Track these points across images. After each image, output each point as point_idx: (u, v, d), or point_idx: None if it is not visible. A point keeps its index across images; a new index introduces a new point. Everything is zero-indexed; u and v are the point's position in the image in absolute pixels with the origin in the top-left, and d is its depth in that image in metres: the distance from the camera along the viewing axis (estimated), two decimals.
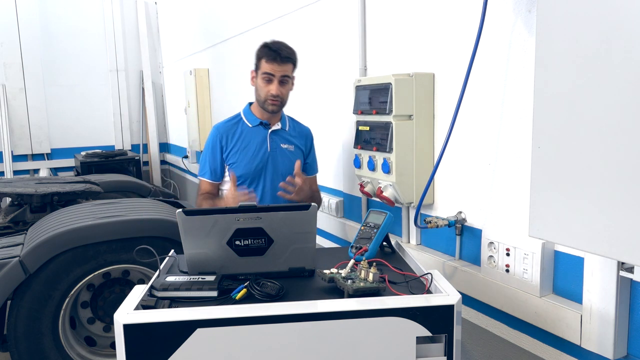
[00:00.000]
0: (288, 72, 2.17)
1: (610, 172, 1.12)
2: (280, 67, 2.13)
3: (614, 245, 1.14)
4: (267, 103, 2.17)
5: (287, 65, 2.15)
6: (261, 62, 2.16)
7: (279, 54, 2.12)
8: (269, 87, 2.15)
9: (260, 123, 2.25)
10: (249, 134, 2.24)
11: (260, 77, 2.16)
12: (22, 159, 6.64)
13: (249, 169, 2.21)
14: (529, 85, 1.58)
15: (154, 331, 1.16)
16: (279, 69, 2.13)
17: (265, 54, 2.15)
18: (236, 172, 2.19)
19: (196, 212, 1.38)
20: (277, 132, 2.27)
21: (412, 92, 1.99)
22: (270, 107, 2.18)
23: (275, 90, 2.14)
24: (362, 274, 1.31)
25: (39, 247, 2.52)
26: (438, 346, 1.21)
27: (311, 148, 2.40)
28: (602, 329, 1.43)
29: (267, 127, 2.26)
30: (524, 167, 1.64)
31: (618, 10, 1.09)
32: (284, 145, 2.27)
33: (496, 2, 1.70)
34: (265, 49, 2.16)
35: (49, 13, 6.64)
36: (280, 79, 2.15)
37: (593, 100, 1.15)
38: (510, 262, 1.70)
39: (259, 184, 2.23)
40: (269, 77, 2.14)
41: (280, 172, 2.22)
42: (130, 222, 2.70)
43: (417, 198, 2.03)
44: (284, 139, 2.28)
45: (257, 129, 2.25)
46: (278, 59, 2.12)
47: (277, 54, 2.12)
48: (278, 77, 2.15)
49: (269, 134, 2.25)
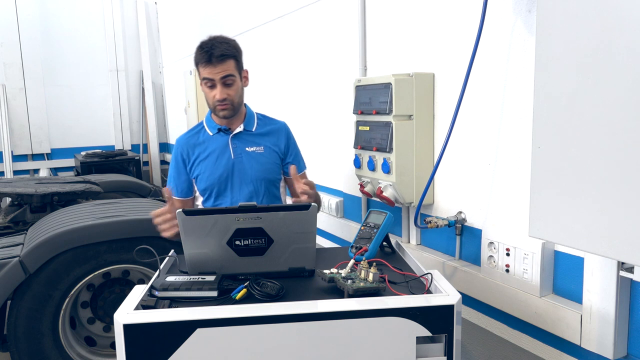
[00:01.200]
0: (229, 70, 1.90)
1: (610, 172, 1.12)
2: (217, 69, 1.88)
3: (614, 245, 1.14)
4: (216, 109, 1.95)
5: (225, 64, 1.89)
6: (199, 67, 1.92)
7: (212, 54, 1.87)
8: (213, 93, 1.92)
9: (219, 130, 2.02)
10: (210, 142, 2.02)
11: (203, 83, 1.94)
12: (22, 159, 6.64)
13: (212, 180, 1.98)
14: (529, 85, 1.58)
15: (154, 331, 1.16)
16: (217, 70, 1.88)
17: (200, 57, 1.90)
18: (200, 185, 2.00)
19: (196, 212, 1.38)
20: (240, 135, 2.02)
21: (412, 92, 1.99)
22: (222, 113, 1.95)
23: (219, 95, 1.90)
24: (362, 274, 1.31)
25: (39, 247, 2.52)
26: (438, 346, 1.21)
27: (288, 144, 2.10)
28: (602, 329, 1.43)
29: (228, 132, 2.02)
30: (524, 167, 1.64)
31: (618, 10, 1.09)
32: (251, 148, 2.01)
33: (496, 2, 1.71)
34: (198, 52, 1.91)
35: (49, 13, 6.65)
36: (222, 80, 1.90)
37: (593, 100, 1.15)
38: (510, 262, 1.70)
39: (227, 194, 2.00)
40: (209, 82, 1.91)
41: (250, 179, 1.99)
42: (130, 222, 2.70)
43: (417, 198, 2.03)
44: (249, 142, 2.02)
45: (217, 136, 2.02)
46: (213, 59, 1.87)
47: (210, 55, 1.87)
48: (218, 80, 1.89)
49: (231, 139, 2.01)
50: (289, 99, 3.35)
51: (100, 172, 5.59)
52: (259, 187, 2.00)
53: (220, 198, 2.00)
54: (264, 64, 3.61)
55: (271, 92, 3.59)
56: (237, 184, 1.99)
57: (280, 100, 3.46)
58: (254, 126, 2.06)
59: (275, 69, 3.52)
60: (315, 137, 2.99)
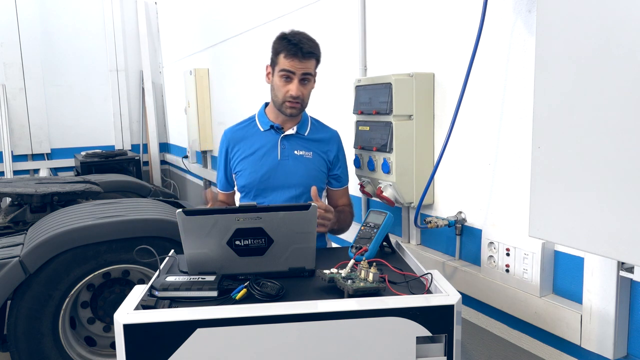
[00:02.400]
0: (310, 69, 1.85)
1: (610, 172, 1.12)
2: (301, 64, 1.81)
3: (614, 245, 1.14)
4: (284, 105, 1.86)
5: (309, 62, 1.83)
6: (279, 57, 1.83)
7: (301, 48, 1.79)
8: (287, 87, 1.83)
9: (271, 127, 1.94)
10: (258, 138, 1.95)
11: (278, 74, 1.84)
12: (22, 159, 6.64)
13: (253, 179, 1.91)
14: (529, 85, 1.58)
15: (154, 331, 1.16)
16: (300, 65, 1.81)
17: (285, 48, 1.81)
18: (240, 182, 1.95)
19: (196, 212, 1.38)
20: (291, 137, 1.94)
21: (412, 92, 1.99)
22: (289, 110, 1.87)
23: (295, 91, 1.82)
24: (362, 274, 1.31)
25: (39, 247, 2.52)
26: (438, 346, 1.21)
27: (338, 155, 2.02)
28: (602, 329, 1.43)
29: (280, 132, 1.94)
30: (524, 167, 1.64)
31: (618, 10, 1.09)
32: (299, 152, 1.93)
33: (496, 2, 1.70)
34: (284, 42, 1.82)
35: (49, 13, 6.64)
36: (301, 77, 1.83)
37: (593, 100, 1.15)
38: (510, 262, 1.70)
39: (267, 196, 1.92)
40: (288, 75, 1.82)
41: (292, 184, 1.91)
42: (130, 222, 2.70)
43: (417, 198, 2.03)
44: (299, 145, 1.94)
45: (268, 133, 1.95)
46: (299, 54, 1.79)
47: (299, 49, 1.79)
48: (299, 76, 1.82)
49: (281, 139, 1.93)
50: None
51: (100, 172, 5.59)
52: (302, 192, 1.92)
53: (259, 198, 1.93)
54: (264, 65, 3.61)
55: None
56: (279, 186, 1.92)
57: None
58: (306, 130, 1.98)
59: None
60: None
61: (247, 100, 3.99)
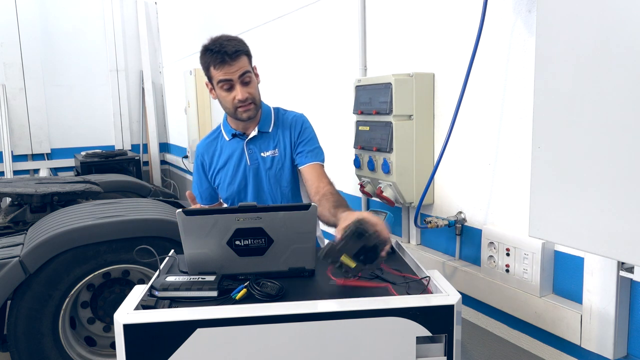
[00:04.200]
0: (244, 67, 1.77)
1: (610, 172, 1.12)
2: (233, 67, 1.74)
3: (614, 245, 1.14)
4: (238, 112, 1.81)
5: (240, 61, 1.76)
6: (210, 71, 1.78)
7: (225, 52, 1.73)
8: (232, 95, 1.78)
9: (233, 135, 1.91)
10: (227, 148, 1.92)
11: (218, 87, 1.79)
12: (22, 159, 6.64)
13: (231, 191, 1.89)
14: (529, 85, 1.58)
15: (154, 331, 1.16)
16: (233, 69, 1.74)
17: (210, 59, 1.76)
18: (222, 194, 1.94)
19: (196, 212, 1.38)
20: (255, 139, 1.90)
21: (412, 92, 1.99)
22: (245, 115, 1.82)
23: (240, 95, 1.77)
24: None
25: (39, 247, 2.52)
26: (438, 346, 1.21)
27: (300, 133, 1.93)
28: (602, 329, 1.43)
29: (243, 137, 1.90)
30: (524, 167, 1.64)
31: (618, 10, 1.09)
32: (266, 153, 1.89)
33: (496, 2, 1.71)
34: (207, 54, 1.76)
35: (49, 13, 6.64)
36: (241, 79, 1.77)
37: (593, 100, 1.15)
38: (510, 262, 1.70)
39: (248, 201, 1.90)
40: (227, 84, 1.77)
41: (266, 187, 1.90)
42: (130, 222, 2.70)
43: (417, 198, 2.03)
44: (264, 146, 1.90)
45: (233, 142, 1.91)
46: (227, 58, 1.73)
47: (223, 54, 1.73)
48: (237, 80, 1.76)
49: (246, 143, 1.89)
50: (289, 99, 3.35)
51: (100, 172, 5.58)
52: (275, 194, 1.91)
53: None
54: (264, 64, 3.61)
55: (271, 92, 3.59)
56: (251, 193, 1.90)
57: (281, 101, 3.46)
58: (270, 126, 1.92)
59: (276, 69, 3.52)
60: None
61: None
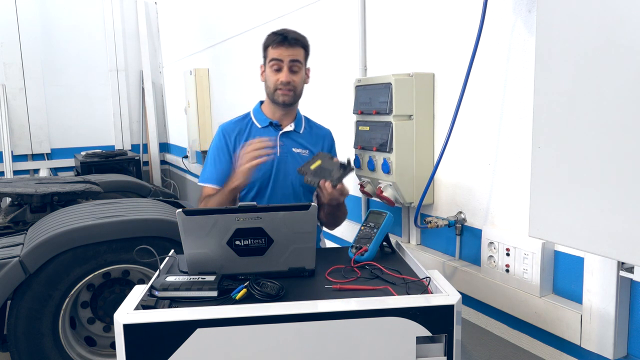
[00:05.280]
0: (298, 56, 1.89)
1: (610, 172, 1.12)
2: (288, 51, 1.87)
3: (614, 245, 1.14)
4: (277, 94, 1.90)
5: (296, 49, 1.89)
6: (268, 50, 1.92)
7: (286, 37, 1.88)
8: (277, 75, 1.89)
9: (270, 124, 1.97)
10: (257, 135, 1.95)
11: (268, 66, 1.91)
12: (22, 159, 6.64)
13: (255, 176, 1.88)
14: (529, 85, 1.58)
15: (154, 331, 1.16)
16: (287, 52, 1.87)
17: (271, 39, 1.91)
18: None
19: (196, 212, 1.38)
20: (289, 134, 1.98)
21: (412, 92, 1.99)
22: (282, 98, 1.90)
23: (285, 77, 1.87)
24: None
25: (39, 247, 2.52)
26: (438, 346, 1.21)
27: (330, 151, 2.08)
28: (602, 329, 1.43)
29: (278, 129, 1.97)
30: (524, 167, 1.64)
31: (618, 10, 1.09)
32: (297, 150, 1.97)
33: (496, 2, 1.70)
34: (270, 36, 1.93)
35: (49, 13, 6.64)
36: (290, 64, 1.88)
37: (593, 100, 1.15)
38: (510, 262, 1.70)
39: (266, 193, 1.94)
40: (276, 63, 1.88)
41: (290, 181, 1.94)
42: (130, 222, 2.70)
43: (417, 198, 2.03)
44: (296, 143, 1.98)
45: (266, 130, 1.97)
46: (285, 42, 1.87)
47: (284, 37, 1.88)
48: (287, 63, 1.87)
49: (279, 136, 1.96)
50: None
51: (100, 172, 5.58)
52: (298, 191, 1.95)
53: (259, 196, 1.95)
54: None
55: None
56: (279, 184, 1.94)
57: None
58: (302, 128, 2.03)
59: None
60: None
61: (247, 100, 3.98)
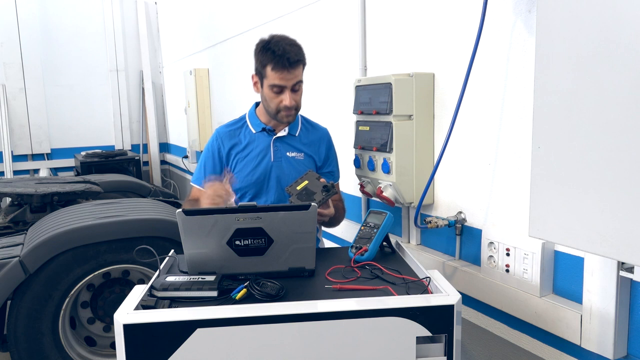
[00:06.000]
0: (299, 76, 1.83)
1: (611, 172, 1.12)
2: (291, 74, 1.79)
3: (614, 245, 1.13)
4: (280, 115, 1.86)
5: (298, 70, 1.81)
6: (266, 70, 1.79)
7: (288, 59, 1.76)
8: (280, 98, 1.82)
9: (263, 129, 1.95)
10: (251, 140, 1.95)
11: (268, 87, 1.82)
12: (22, 159, 6.64)
13: (249, 181, 1.91)
14: (529, 85, 1.58)
15: (154, 331, 1.16)
16: (290, 76, 1.79)
17: (270, 60, 1.77)
18: (236, 185, 1.93)
19: (196, 212, 1.38)
20: (284, 138, 1.96)
21: (412, 92, 1.99)
22: (286, 119, 1.88)
23: (289, 102, 1.81)
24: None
25: (39, 247, 2.52)
26: (438, 346, 1.21)
27: (328, 153, 2.04)
28: (602, 329, 1.43)
29: (272, 134, 1.95)
30: (524, 167, 1.64)
31: (618, 10, 1.09)
32: (291, 154, 1.95)
33: (496, 2, 1.70)
34: (269, 54, 1.77)
35: (49, 13, 6.64)
36: (293, 87, 1.82)
37: (593, 100, 1.15)
38: (510, 262, 1.70)
39: (261, 198, 1.94)
40: (279, 88, 1.81)
41: (282, 186, 1.90)
42: (130, 222, 2.70)
43: (417, 198, 2.03)
44: (291, 147, 1.96)
45: (260, 135, 1.95)
46: (287, 65, 1.76)
47: (285, 60, 1.75)
48: (290, 87, 1.81)
49: (273, 141, 1.94)
50: None
51: (100, 172, 5.58)
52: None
53: (255, 199, 1.94)
54: None
55: None
56: (272, 189, 1.93)
57: None
58: (297, 131, 1.99)
59: None
60: None
61: (247, 100, 3.98)
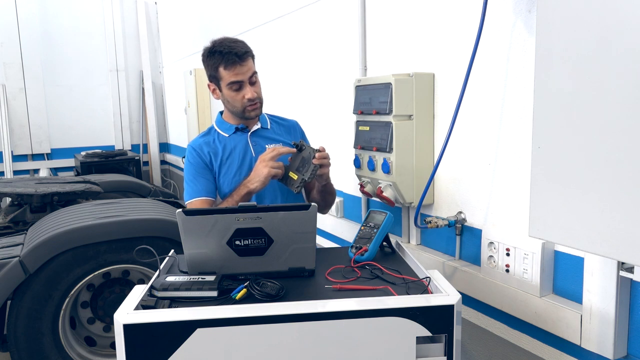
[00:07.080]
0: (252, 68, 1.88)
1: (611, 172, 1.12)
2: (243, 68, 1.84)
3: (614, 245, 1.14)
4: (247, 110, 1.89)
5: (248, 62, 1.86)
6: (219, 71, 1.85)
7: (236, 54, 1.81)
8: (242, 94, 1.87)
9: (236, 129, 1.96)
10: (227, 143, 1.94)
11: (226, 88, 1.87)
12: (22, 159, 6.64)
13: (238, 181, 1.88)
14: (529, 85, 1.58)
15: (154, 331, 1.16)
16: (243, 70, 1.84)
17: (220, 60, 1.83)
18: (226, 188, 1.90)
19: (196, 212, 1.38)
20: (258, 132, 1.99)
21: (412, 92, 1.99)
22: (253, 113, 1.91)
23: (250, 94, 1.86)
24: None
25: (39, 247, 2.52)
26: (438, 346, 1.21)
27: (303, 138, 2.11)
28: (602, 329, 1.43)
29: (246, 131, 1.97)
30: (524, 167, 1.64)
31: (618, 10, 1.09)
32: (270, 145, 1.94)
33: (496, 2, 1.71)
34: (217, 56, 1.83)
35: (49, 13, 6.64)
36: (250, 80, 1.87)
37: (593, 100, 1.15)
38: (510, 262, 1.70)
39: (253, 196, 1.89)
40: (236, 84, 1.85)
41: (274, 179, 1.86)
42: (130, 222, 2.70)
43: (417, 198, 2.03)
44: (267, 139, 1.98)
45: (234, 136, 1.96)
46: (237, 59, 1.82)
47: (234, 55, 1.81)
48: (247, 80, 1.86)
49: (249, 136, 1.96)
50: (289, 99, 3.35)
51: (100, 172, 5.58)
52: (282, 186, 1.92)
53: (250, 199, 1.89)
54: (264, 64, 3.61)
55: (271, 92, 3.58)
56: None
57: (281, 100, 3.46)
58: (268, 124, 2.04)
59: (275, 69, 3.52)
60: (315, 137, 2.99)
61: None
